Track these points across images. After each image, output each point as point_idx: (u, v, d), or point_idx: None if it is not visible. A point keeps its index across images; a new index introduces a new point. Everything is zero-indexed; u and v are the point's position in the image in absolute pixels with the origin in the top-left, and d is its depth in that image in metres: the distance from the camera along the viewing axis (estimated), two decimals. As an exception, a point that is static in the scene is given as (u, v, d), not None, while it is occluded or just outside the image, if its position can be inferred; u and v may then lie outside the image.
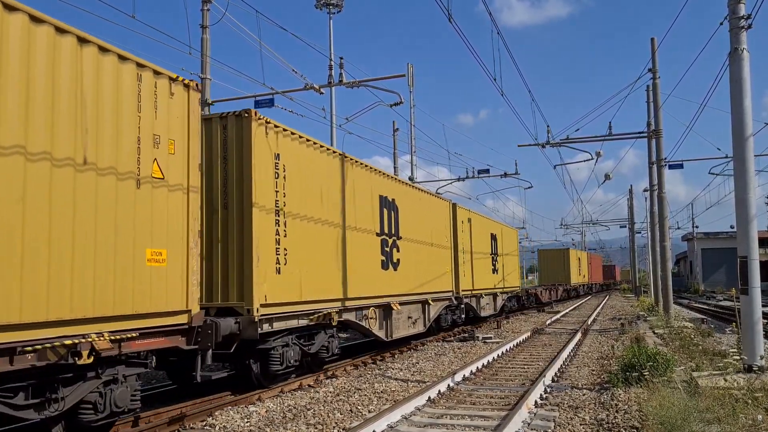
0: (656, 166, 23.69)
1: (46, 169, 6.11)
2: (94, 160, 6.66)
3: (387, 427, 7.71)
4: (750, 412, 6.97)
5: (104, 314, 6.67)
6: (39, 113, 6.10)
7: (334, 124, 25.00)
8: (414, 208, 17.31)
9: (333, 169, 12.56)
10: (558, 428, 7.61)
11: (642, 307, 31.94)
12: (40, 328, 6.00)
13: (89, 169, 6.60)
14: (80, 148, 6.51)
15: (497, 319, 24.92)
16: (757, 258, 9.82)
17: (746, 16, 10.11)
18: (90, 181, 6.60)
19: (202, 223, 9.46)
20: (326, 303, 11.78)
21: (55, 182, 6.18)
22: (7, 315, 5.66)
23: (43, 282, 6.00)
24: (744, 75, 10.02)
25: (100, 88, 6.80)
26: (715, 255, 67.73)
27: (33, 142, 6.01)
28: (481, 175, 31.43)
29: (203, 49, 16.56)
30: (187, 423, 8.28)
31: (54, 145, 6.21)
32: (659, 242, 24.10)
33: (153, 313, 7.37)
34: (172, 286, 7.68)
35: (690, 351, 13.25)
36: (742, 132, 9.99)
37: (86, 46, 6.67)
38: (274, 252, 10.19)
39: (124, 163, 7.07)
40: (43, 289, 6.01)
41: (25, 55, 6.00)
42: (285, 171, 10.67)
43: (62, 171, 6.27)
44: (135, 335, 7.05)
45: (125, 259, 7.00)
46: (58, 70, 6.34)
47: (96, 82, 6.75)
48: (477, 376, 11.75)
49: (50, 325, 6.09)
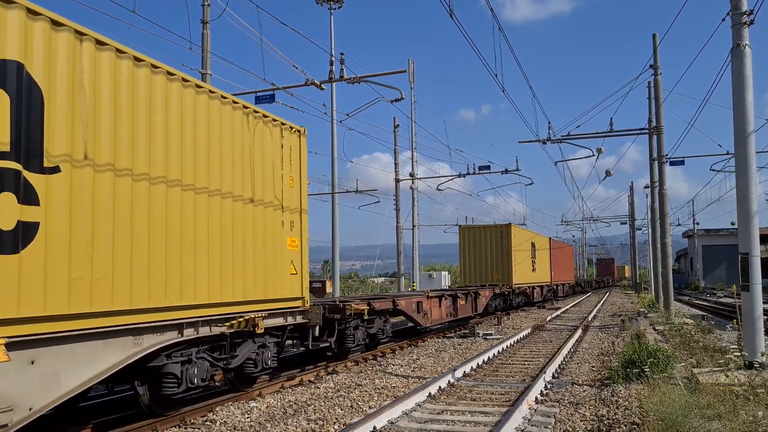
0: (657, 162, 23.66)
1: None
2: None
3: (387, 423, 7.71)
4: (751, 409, 6.98)
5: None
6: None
7: (334, 120, 24.97)
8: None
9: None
10: (558, 424, 7.61)
11: (642, 303, 31.96)
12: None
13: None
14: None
15: (497, 315, 24.97)
16: (759, 254, 9.81)
17: (748, 12, 10.08)
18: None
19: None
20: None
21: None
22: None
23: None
24: (746, 71, 10.00)
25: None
26: (715, 252, 67.69)
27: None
28: (482, 171, 31.43)
29: (204, 44, 16.52)
30: (188, 418, 8.29)
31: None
32: (660, 239, 24.08)
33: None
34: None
35: (691, 347, 13.25)
36: (743, 128, 9.97)
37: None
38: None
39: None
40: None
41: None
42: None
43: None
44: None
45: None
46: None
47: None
48: (477, 372, 11.76)
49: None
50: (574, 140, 24.04)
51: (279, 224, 10.11)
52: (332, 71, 18.62)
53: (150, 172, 7.31)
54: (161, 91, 7.59)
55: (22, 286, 5.61)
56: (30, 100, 5.86)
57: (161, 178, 7.49)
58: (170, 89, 7.75)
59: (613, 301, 42.37)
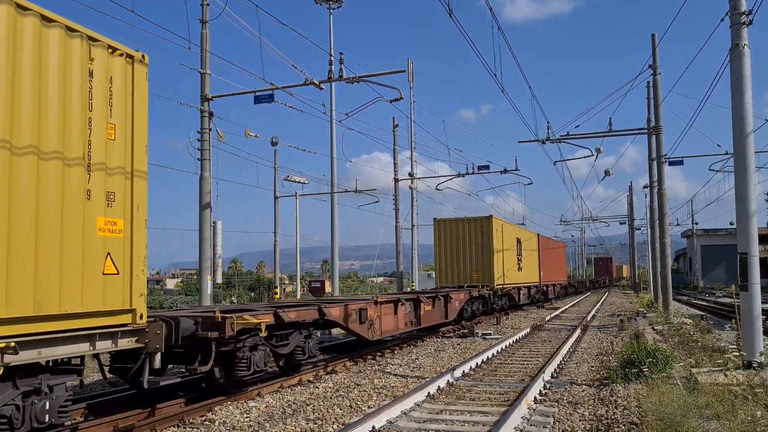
0: (656, 162, 23.68)
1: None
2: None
3: (386, 423, 7.71)
4: (749, 409, 6.99)
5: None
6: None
7: (333, 120, 24.96)
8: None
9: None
10: (557, 424, 7.62)
11: (641, 303, 31.97)
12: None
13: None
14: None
15: (497, 315, 24.97)
16: (757, 254, 9.82)
17: (747, 12, 10.09)
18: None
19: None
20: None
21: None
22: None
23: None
24: (745, 71, 10.00)
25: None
26: (714, 252, 67.70)
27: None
28: (482, 171, 31.43)
29: (203, 44, 16.52)
30: (186, 418, 8.28)
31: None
32: (659, 239, 24.10)
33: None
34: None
35: (689, 347, 13.26)
36: (742, 128, 9.97)
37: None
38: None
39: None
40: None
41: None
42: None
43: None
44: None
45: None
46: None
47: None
48: (476, 372, 11.76)
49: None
50: (573, 140, 24.06)
51: (80, 194, 6.50)
52: (331, 71, 18.60)
53: None
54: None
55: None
56: None
57: None
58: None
59: (612, 301, 42.41)
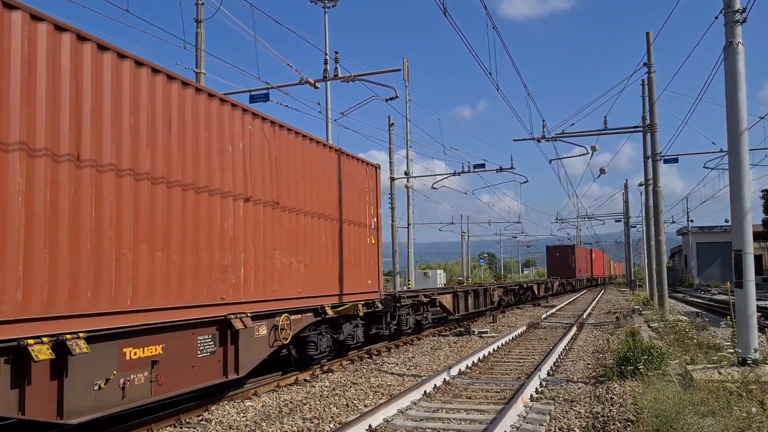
0: (651, 160, 23.73)
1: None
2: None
3: (383, 421, 7.72)
4: (744, 405, 7.01)
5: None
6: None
7: (329, 119, 24.93)
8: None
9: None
10: (553, 421, 7.63)
11: (637, 301, 32.07)
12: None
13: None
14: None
15: (493, 314, 24.99)
16: (752, 252, 9.86)
17: (741, 10, 10.11)
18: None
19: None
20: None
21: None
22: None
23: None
24: (739, 69, 10.03)
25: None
26: (709, 249, 67.98)
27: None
28: (477, 169, 31.48)
29: (198, 43, 16.48)
30: (183, 417, 8.27)
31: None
32: (654, 236, 24.17)
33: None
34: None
35: (685, 344, 13.30)
36: (736, 126, 10.00)
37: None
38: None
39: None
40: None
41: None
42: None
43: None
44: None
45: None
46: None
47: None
48: (473, 370, 11.78)
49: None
50: (568, 138, 24.11)
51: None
52: (326, 70, 18.60)
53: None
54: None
55: None
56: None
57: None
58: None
59: (608, 298, 42.51)
